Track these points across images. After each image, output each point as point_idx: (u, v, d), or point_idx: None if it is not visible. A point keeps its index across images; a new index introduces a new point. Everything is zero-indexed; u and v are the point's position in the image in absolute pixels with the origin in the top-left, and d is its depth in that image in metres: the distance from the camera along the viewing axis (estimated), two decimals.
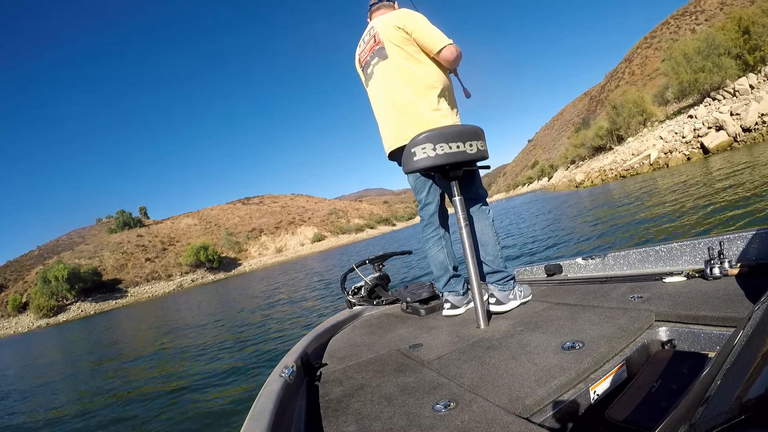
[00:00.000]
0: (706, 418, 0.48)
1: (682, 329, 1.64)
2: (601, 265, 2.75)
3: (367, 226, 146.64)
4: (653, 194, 12.91)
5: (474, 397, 1.42)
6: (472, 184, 2.55)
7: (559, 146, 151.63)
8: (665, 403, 1.27)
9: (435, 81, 2.47)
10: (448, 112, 2.50)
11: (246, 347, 8.15)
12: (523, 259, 9.40)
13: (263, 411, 1.38)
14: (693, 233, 6.64)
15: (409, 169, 2.21)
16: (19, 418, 7.46)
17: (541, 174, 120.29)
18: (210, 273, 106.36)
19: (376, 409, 1.48)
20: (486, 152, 2.26)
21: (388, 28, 2.47)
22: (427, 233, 2.80)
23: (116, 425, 5.49)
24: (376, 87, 2.63)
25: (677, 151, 26.07)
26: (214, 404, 5.22)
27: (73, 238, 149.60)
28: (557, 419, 1.33)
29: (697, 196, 10.00)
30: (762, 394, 0.45)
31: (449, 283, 2.70)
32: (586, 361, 1.50)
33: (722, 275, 1.93)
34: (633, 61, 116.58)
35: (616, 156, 38.29)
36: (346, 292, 3.41)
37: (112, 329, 25.74)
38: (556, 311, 2.16)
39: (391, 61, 2.49)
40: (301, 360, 2.03)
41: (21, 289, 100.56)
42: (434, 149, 2.08)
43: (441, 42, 2.39)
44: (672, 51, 43.60)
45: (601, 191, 23.98)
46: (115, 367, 10.35)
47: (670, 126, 33.50)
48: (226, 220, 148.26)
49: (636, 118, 48.29)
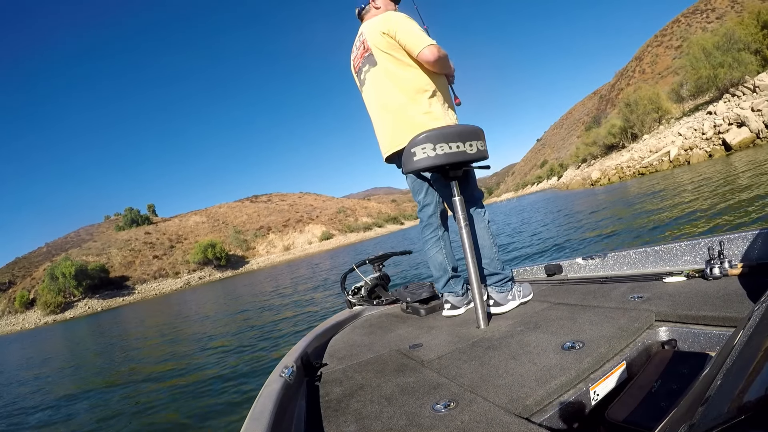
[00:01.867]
0: (706, 418, 0.47)
1: (682, 329, 1.65)
2: (601, 265, 2.76)
3: (376, 224, 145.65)
4: (690, 190, 12.17)
5: (474, 397, 1.42)
6: (467, 186, 2.56)
7: (568, 145, 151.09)
8: (665, 403, 1.28)
9: (425, 84, 2.46)
10: (441, 114, 2.48)
11: (251, 347, 8.05)
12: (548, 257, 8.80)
13: (263, 411, 1.38)
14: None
15: (408, 169, 2.21)
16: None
17: (551, 173, 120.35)
18: (217, 271, 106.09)
19: (376, 409, 1.49)
20: (486, 152, 2.25)
21: (374, 35, 2.46)
22: (426, 234, 2.79)
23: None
24: (368, 93, 2.66)
25: (698, 148, 25.43)
26: (214, 403, 5.22)
27: (81, 235, 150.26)
28: (557, 419, 1.34)
29: (739, 188, 9.37)
30: (762, 394, 0.45)
31: (448, 283, 2.70)
32: (586, 361, 1.50)
33: (722, 275, 1.94)
34: (644, 59, 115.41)
35: (633, 153, 37.55)
36: (346, 292, 3.41)
37: (118, 325, 25.44)
38: (556, 311, 2.17)
39: (380, 67, 2.50)
40: (301, 360, 2.04)
41: (29, 285, 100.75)
42: (434, 149, 2.09)
43: (421, 44, 2.34)
44: (690, 46, 42.86)
45: (619, 188, 23.25)
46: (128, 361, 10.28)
47: (688, 122, 32.82)
48: (234, 218, 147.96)
49: (651, 115, 47.52)
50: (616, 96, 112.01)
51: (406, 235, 58.40)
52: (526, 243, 11.98)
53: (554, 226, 14.53)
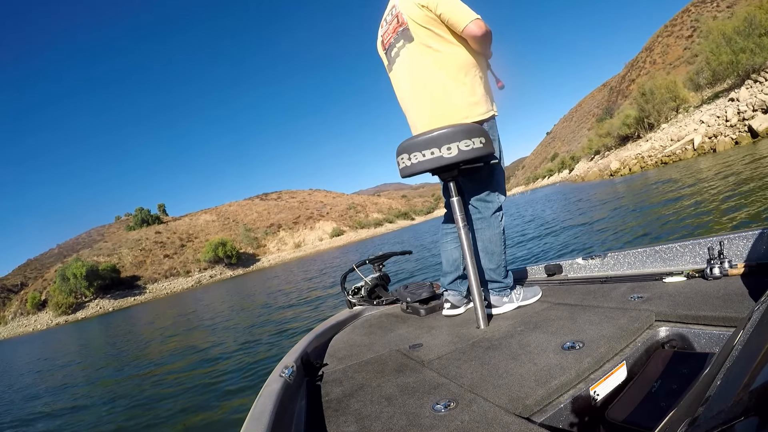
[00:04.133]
0: (707, 417, 0.48)
1: (682, 329, 1.65)
2: (601, 265, 2.74)
3: (386, 220, 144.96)
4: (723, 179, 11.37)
5: (474, 397, 1.43)
6: (481, 186, 2.44)
7: (579, 138, 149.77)
8: (665, 403, 1.29)
9: (467, 63, 2.28)
10: (482, 100, 2.31)
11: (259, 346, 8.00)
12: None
13: (263, 411, 1.39)
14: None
15: (401, 174, 2.27)
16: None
17: (562, 166, 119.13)
18: (228, 269, 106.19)
19: (377, 409, 1.49)
20: (479, 149, 2.11)
21: (411, 7, 2.25)
22: (447, 227, 2.72)
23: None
24: (401, 72, 2.45)
25: (722, 135, 24.74)
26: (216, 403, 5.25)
27: (92, 236, 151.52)
28: (557, 419, 1.34)
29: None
30: (762, 394, 0.45)
31: (455, 281, 2.66)
32: (586, 361, 1.51)
33: (722, 275, 1.93)
34: (654, 49, 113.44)
35: (653, 142, 36.62)
36: (346, 292, 3.40)
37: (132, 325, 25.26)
38: (556, 311, 2.16)
39: (417, 42, 2.29)
40: (301, 360, 2.04)
41: (40, 286, 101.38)
42: (409, 158, 2.14)
43: (467, 17, 2.15)
44: (709, 32, 41.84)
45: (640, 179, 22.42)
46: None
47: (709, 110, 32.00)
48: (244, 215, 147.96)
49: (668, 104, 46.43)
50: (626, 87, 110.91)
51: (416, 231, 57.76)
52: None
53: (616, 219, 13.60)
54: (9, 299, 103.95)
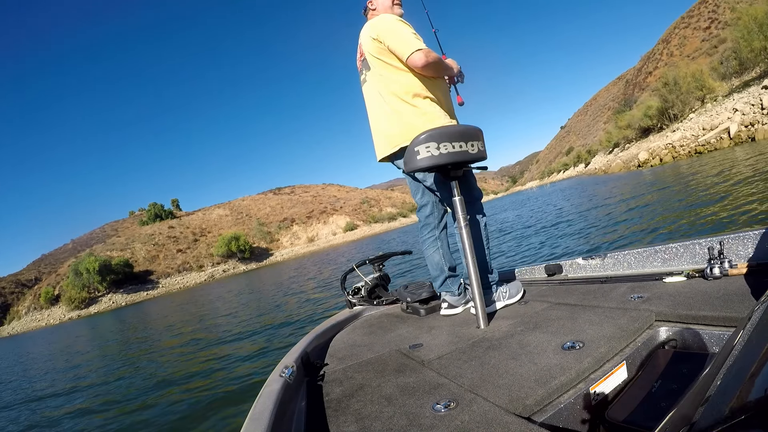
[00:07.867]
0: (706, 417, 0.48)
1: (682, 329, 1.65)
2: (601, 265, 2.74)
3: (400, 214, 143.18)
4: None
5: (474, 397, 1.43)
6: (467, 186, 2.52)
7: (595, 131, 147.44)
8: (665, 403, 1.29)
9: (418, 88, 2.42)
10: (436, 116, 2.42)
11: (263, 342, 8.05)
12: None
13: (263, 411, 1.39)
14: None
15: (410, 168, 2.19)
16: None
17: (578, 160, 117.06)
18: (241, 263, 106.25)
19: (377, 409, 1.49)
20: (485, 153, 2.25)
21: (367, 40, 2.45)
22: (424, 234, 2.79)
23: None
24: (366, 96, 2.64)
25: (760, 123, 23.64)
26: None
27: (106, 231, 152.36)
28: (557, 419, 1.35)
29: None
30: (762, 394, 0.45)
31: (445, 283, 2.70)
32: (586, 361, 1.51)
33: (722, 275, 1.93)
34: (671, 42, 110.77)
35: (683, 132, 35.16)
36: (346, 292, 3.39)
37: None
38: (556, 311, 2.16)
39: (374, 72, 2.48)
40: (301, 360, 2.05)
41: (54, 281, 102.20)
42: (438, 148, 2.10)
43: (408, 49, 2.30)
44: (738, 17, 40.30)
45: (671, 170, 21.14)
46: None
47: (742, 98, 30.68)
48: (257, 210, 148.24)
49: (694, 93, 44.77)
50: (643, 80, 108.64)
51: None
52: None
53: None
54: (23, 294, 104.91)
